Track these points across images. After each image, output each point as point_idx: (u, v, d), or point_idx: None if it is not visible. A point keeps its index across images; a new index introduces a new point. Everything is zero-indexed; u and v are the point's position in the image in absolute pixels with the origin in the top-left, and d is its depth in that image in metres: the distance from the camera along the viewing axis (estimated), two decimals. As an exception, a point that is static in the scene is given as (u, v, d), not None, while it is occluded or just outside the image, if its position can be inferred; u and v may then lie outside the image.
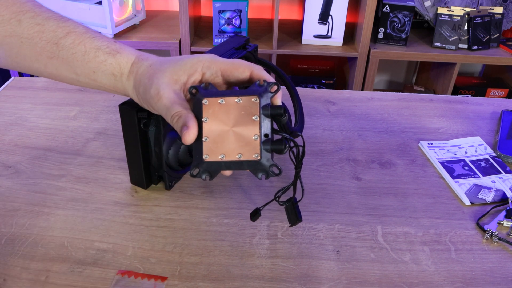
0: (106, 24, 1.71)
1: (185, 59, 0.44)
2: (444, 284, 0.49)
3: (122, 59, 0.46)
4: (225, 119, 0.41)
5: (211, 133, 0.41)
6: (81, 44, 0.45)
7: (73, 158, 0.65)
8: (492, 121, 0.80)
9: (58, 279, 0.47)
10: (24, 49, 0.46)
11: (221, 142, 0.41)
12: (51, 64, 0.47)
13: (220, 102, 0.41)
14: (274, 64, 0.69)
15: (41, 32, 0.45)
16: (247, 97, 0.40)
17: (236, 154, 0.41)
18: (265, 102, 0.41)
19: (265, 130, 0.41)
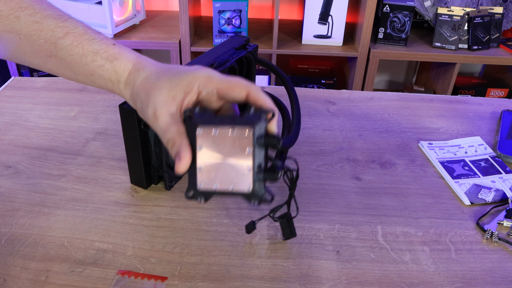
0: (106, 24, 1.71)
1: (182, 75, 0.43)
2: (444, 284, 0.49)
3: (119, 66, 0.45)
4: (219, 150, 0.41)
5: (205, 162, 0.42)
6: (79, 46, 0.45)
7: (73, 158, 0.65)
8: (492, 121, 0.80)
9: (58, 279, 0.47)
10: (23, 45, 0.46)
11: (215, 172, 0.41)
12: (50, 62, 0.47)
13: (214, 133, 0.41)
14: (274, 65, 0.69)
15: (39, 30, 0.45)
16: (240, 129, 0.40)
17: (230, 185, 0.41)
18: (259, 132, 0.40)
19: (258, 160, 0.41)
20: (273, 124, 0.42)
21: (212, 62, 0.62)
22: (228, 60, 0.64)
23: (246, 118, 0.40)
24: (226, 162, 0.41)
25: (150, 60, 0.47)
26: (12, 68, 1.89)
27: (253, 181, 0.41)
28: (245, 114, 0.41)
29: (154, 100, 0.42)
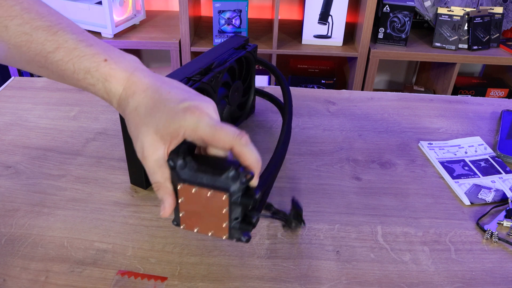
0: (106, 24, 1.71)
1: (169, 120, 0.42)
2: (444, 284, 0.49)
3: (110, 88, 0.44)
4: (198, 205, 0.44)
5: (186, 210, 0.45)
6: (70, 62, 0.43)
7: (73, 158, 0.65)
8: (492, 121, 0.80)
9: (58, 279, 0.47)
10: (13, 54, 0.44)
11: (195, 218, 0.45)
12: (43, 71, 0.46)
13: (193, 191, 0.43)
14: (274, 65, 0.69)
15: (29, 42, 0.43)
16: (218, 193, 0.42)
17: (209, 231, 0.45)
18: (236, 195, 0.43)
19: (235, 215, 0.44)
20: (253, 181, 0.43)
21: (212, 62, 0.62)
22: (228, 60, 0.64)
23: (224, 181, 0.42)
24: (205, 214, 0.44)
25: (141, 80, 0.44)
26: (12, 68, 1.89)
27: (229, 231, 0.44)
28: (225, 174, 0.42)
29: (142, 139, 0.43)
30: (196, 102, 0.42)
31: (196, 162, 0.43)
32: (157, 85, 0.44)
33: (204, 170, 0.43)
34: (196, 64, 0.61)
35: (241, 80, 0.71)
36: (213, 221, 0.44)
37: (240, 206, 0.43)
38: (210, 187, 0.42)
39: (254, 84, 0.74)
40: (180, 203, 0.45)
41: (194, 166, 0.43)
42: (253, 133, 0.73)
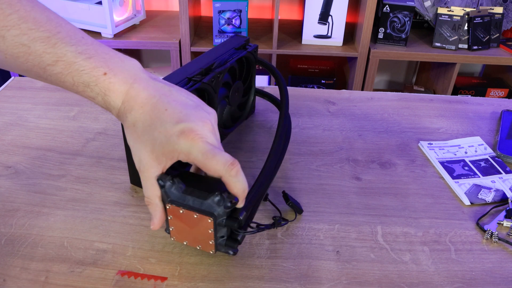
0: (106, 24, 1.71)
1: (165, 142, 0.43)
2: (444, 284, 0.49)
3: (110, 101, 0.45)
4: (186, 223, 0.47)
5: (175, 226, 0.48)
6: (69, 75, 0.43)
7: (73, 158, 0.65)
8: (492, 121, 0.80)
9: (58, 279, 0.47)
10: (10, 63, 0.44)
11: (184, 234, 0.48)
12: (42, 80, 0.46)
13: (181, 212, 0.46)
14: (273, 66, 0.69)
15: (27, 54, 0.42)
16: (203, 216, 0.45)
17: (197, 245, 0.48)
18: (221, 218, 0.45)
19: (221, 234, 0.47)
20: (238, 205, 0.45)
21: (212, 62, 0.62)
22: (228, 60, 0.64)
23: (209, 205, 0.44)
24: (192, 231, 0.47)
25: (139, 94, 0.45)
26: (12, 68, 1.89)
27: (215, 247, 0.47)
28: (210, 198, 0.44)
29: (140, 156, 0.45)
30: (191, 125, 0.43)
31: (185, 183, 0.46)
32: (155, 99, 0.44)
33: (191, 192, 0.45)
34: (197, 64, 0.61)
35: (242, 80, 0.71)
36: (200, 238, 0.47)
37: (225, 227, 0.46)
38: (196, 210, 0.45)
39: (254, 84, 0.74)
40: (169, 220, 0.47)
41: (181, 187, 0.45)
42: (253, 133, 0.73)
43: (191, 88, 0.56)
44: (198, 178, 0.47)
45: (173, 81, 0.57)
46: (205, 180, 0.47)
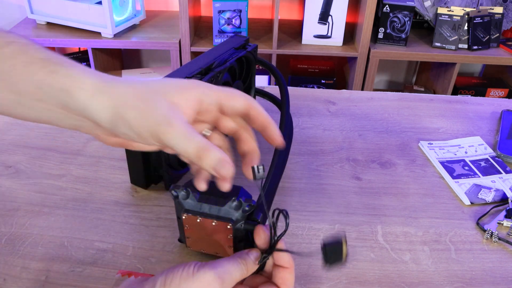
0: (106, 24, 1.71)
1: (178, 81, 0.38)
2: (444, 284, 0.49)
3: (79, 72, 0.36)
4: (203, 232, 0.46)
5: (191, 235, 0.47)
6: (24, 53, 0.36)
7: (73, 158, 0.65)
8: (492, 121, 0.80)
9: (58, 279, 0.47)
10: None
11: (201, 242, 0.47)
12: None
13: (198, 220, 0.45)
14: (273, 65, 0.69)
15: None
16: (222, 222, 0.44)
17: (215, 252, 0.48)
18: (240, 222, 0.44)
19: (239, 239, 0.46)
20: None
21: (212, 62, 0.62)
22: (228, 60, 0.64)
23: (227, 211, 0.44)
24: (210, 238, 0.46)
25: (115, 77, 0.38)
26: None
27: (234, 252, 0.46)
28: (227, 203, 0.44)
29: (160, 105, 0.35)
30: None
31: (199, 192, 0.45)
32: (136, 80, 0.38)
33: (207, 200, 0.44)
34: (196, 64, 0.61)
35: (241, 80, 0.71)
36: (219, 244, 0.46)
37: (244, 231, 0.45)
38: (214, 217, 0.44)
39: (254, 84, 0.74)
40: (185, 229, 0.46)
41: (196, 195, 0.45)
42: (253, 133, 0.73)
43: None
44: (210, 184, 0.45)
45: (173, 81, 0.57)
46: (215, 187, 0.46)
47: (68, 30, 1.78)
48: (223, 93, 0.39)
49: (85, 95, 0.35)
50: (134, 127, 0.35)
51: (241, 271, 0.39)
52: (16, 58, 0.36)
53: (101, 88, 0.35)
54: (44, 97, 0.36)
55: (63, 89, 0.35)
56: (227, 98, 0.39)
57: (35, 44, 0.38)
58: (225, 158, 0.36)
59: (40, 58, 0.36)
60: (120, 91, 0.35)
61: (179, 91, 0.37)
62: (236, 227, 0.44)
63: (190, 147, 0.34)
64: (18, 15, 2.02)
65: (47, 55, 0.36)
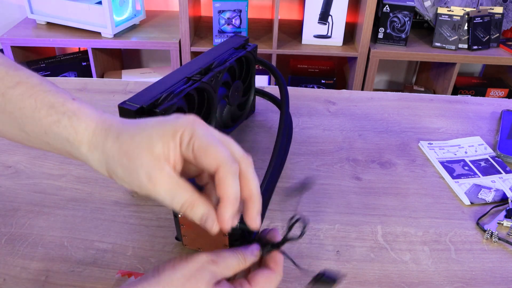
0: (106, 24, 1.71)
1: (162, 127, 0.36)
2: (444, 284, 0.49)
3: (79, 124, 0.37)
4: (199, 231, 0.45)
5: (188, 234, 0.47)
6: (32, 97, 0.37)
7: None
8: (492, 121, 0.80)
9: (58, 279, 0.47)
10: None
11: (198, 240, 0.48)
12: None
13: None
14: (273, 65, 0.69)
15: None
16: None
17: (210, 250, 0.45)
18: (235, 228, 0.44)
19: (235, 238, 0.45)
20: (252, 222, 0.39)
21: (212, 62, 0.62)
22: (228, 60, 0.64)
23: None
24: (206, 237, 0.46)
25: (114, 117, 0.39)
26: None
27: None
28: None
29: (142, 162, 0.35)
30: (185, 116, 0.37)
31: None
32: (134, 120, 0.38)
33: None
34: (196, 64, 0.61)
35: (241, 80, 0.71)
36: (215, 243, 0.46)
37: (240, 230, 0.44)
38: None
39: (254, 84, 0.74)
40: (182, 228, 0.47)
41: None
42: (253, 133, 0.73)
43: (190, 88, 0.57)
44: None
45: (173, 80, 0.57)
46: None
47: (68, 30, 1.78)
48: (201, 143, 0.35)
49: (85, 149, 0.38)
50: (125, 182, 0.37)
51: (237, 259, 0.39)
52: (24, 102, 0.37)
53: (95, 143, 0.37)
54: (50, 142, 0.38)
55: (66, 139, 0.38)
56: (202, 151, 0.35)
57: (43, 85, 0.38)
58: (208, 213, 0.36)
59: (46, 104, 0.37)
60: (109, 146, 0.37)
61: (163, 140, 0.35)
62: (233, 229, 0.44)
63: (175, 204, 0.36)
64: (18, 15, 2.02)
65: (52, 100, 0.38)
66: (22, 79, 0.38)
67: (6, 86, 0.38)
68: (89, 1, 1.75)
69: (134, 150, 0.36)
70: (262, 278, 0.39)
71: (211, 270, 0.37)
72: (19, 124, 0.38)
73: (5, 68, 0.38)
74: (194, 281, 0.36)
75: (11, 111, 0.38)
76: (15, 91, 0.38)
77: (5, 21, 2.02)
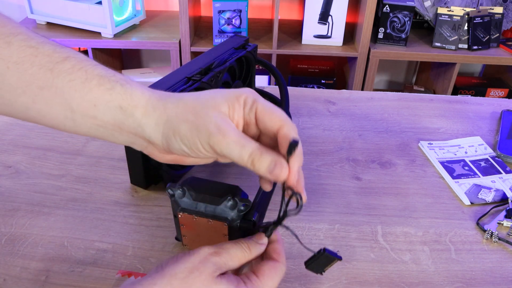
0: (106, 24, 1.71)
1: (226, 93, 0.38)
2: (444, 284, 0.49)
3: (134, 89, 0.38)
4: (199, 231, 0.46)
5: (188, 234, 0.47)
6: (82, 70, 0.37)
7: (73, 158, 0.65)
8: (492, 121, 0.80)
9: (58, 279, 0.47)
10: (10, 76, 0.37)
11: (198, 240, 0.48)
12: (42, 97, 0.38)
13: (194, 219, 0.45)
14: (273, 65, 0.69)
15: (33, 55, 0.37)
16: (217, 222, 0.44)
17: None
18: (235, 222, 0.44)
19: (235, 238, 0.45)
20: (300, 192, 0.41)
21: (212, 62, 0.62)
22: (228, 60, 0.64)
23: (223, 210, 0.44)
24: (206, 236, 0.46)
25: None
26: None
27: None
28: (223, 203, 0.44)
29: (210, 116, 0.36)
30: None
31: (194, 191, 0.45)
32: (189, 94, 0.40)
33: (202, 199, 0.45)
34: (196, 64, 0.61)
35: (241, 80, 0.71)
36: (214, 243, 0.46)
37: (240, 230, 0.45)
38: (210, 216, 0.44)
39: (254, 84, 0.74)
40: (181, 227, 0.47)
41: (192, 194, 0.45)
42: (253, 133, 0.73)
43: (190, 88, 0.57)
44: (207, 183, 0.47)
45: (173, 80, 0.57)
46: (214, 184, 0.46)
47: (68, 30, 1.78)
48: (264, 107, 0.38)
49: (140, 113, 0.37)
50: (187, 140, 0.37)
51: (241, 249, 0.39)
52: (74, 74, 0.37)
53: (154, 105, 0.38)
54: (98, 114, 0.38)
55: (119, 106, 0.37)
56: (264, 114, 0.38)
57: (91, 60, 0.39)
58: (277, 159, 0.36)
59: (97, 75, 0.37)
60: (171, 106, 0.37)
61: (228, 101, 0.37)
62: (231, 226, 0.45)
63: (244, 154, 0.36)
64: (18, 15, 2.02)
65: (103, 72, 0.38)
66: (70, 55, 0.38)
67: (55, 61, 0.37)
68: (89, 1, 1.75)
69: (202, 107, 0.37)
70: (268, 269, 0.39)
71: (214, 262, 0.37)
72: (66, 100, 0.38)
73: (52, 46, 0.38)
74: (197, 273, 0.36)
75: (59, 86, 0.37)
76: (64, 65, 0.37)
77: (5, 21, 2.02)
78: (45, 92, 0.38)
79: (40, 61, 0.37)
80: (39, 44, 0.38)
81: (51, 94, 0.38)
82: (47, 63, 0.37)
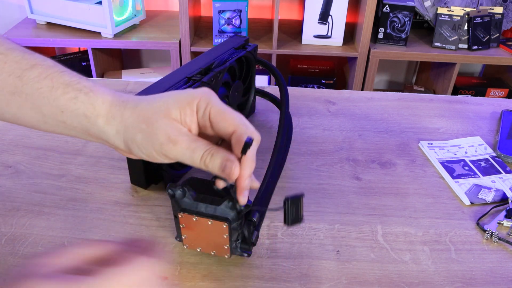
0: (106, 24, 1.71)
1: (179, 95, 0.39)
2: (444, 284, 0.49)
3: (96, 98, 0.39)
4: (199, 230, 0.46)
5: (188, 234, 0.47)
6: (48, 78, 0.39)
7: (73, 158, 0.65)
8: (492, 121, 0.80)
9: (58, 279, 0.47)
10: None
11: (198, 241, 0.48)
12: (14, 102, 0.39)
13: (194, 220, 0.45)
14: (273, 65, 0.69)
15: (2, 62, 0.38)
16: (218, 222, 0.44)
17: (211, 251, 0.48)
18: (235, 222, 0.45)
19: (235, 238, 0.46)
20: (252, 184, 0.42)
21: (212, 62, 0.62)
22: (228, 60, 0.64)
23: (223, 210, 0.44)
24: (206, 237, 0.46)
25: (129, 94, 0.42)
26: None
27: (230, 251, 0.47)
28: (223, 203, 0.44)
29: (160, 125, 0.38)
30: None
31: (195, 191, 0.45)
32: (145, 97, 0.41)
33: (203, 199, 0.45)
34: (196, 64, 0.61)
35: (241, 80, 0.71)
36: (215, 243, 0.47)
37: (240, 230, 0.46)
38: (210, 217, 0.44)
39: (254, 84, 0.74)
40: (182, 228, 0.47)
41: (192, 194, 0.45)
42: (253, 133, 0.72)
43: (190, 88, 0.57)
44: (207, 183, 0.46)
45: (173, 80, 0.58)
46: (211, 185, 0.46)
47: (68, 30, 1.78)
48: (217, 110, 0.39)
49: (102, 122, 0.39)
50: (144, 148, 0.39)
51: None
52: (41, 82, 0.39)
53: (113, 113, 0.39)
54: (67, 120, 0.40)
55: (84, 115, 0.39)
56: (219, 117, 0.39)
57: (57, 66, 0.40)
58: (228, 157, 0.38)
59: (62, 83, 0.39)
60: (128, 114, 0.39)
61: (180, 107, 0.38)
62: (232, 227, 0.45)
63: (195, 158, 0.38)
64: (18, 15, 2.02)
65: (68, 79, 0.39)
66: (37, 62, 0.39)
67: (23, 68, 0.39)
68: (89, 1, 1.75)
69: (153, 115, 0.38)
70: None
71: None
72: (36, 106, 0.39)
73: (21, 52, 0.40)
74: None
75: (28, 93, 0.39)
76: (32, 73, 0.39)
77: (5, 21, 2.02)
78: (16, 98, 0.39)
79: (9, 68, 0.39)
80: (8, 50, 0.39)
81: (22, 100, 0.39)
82: (16, 69, 0.39)
